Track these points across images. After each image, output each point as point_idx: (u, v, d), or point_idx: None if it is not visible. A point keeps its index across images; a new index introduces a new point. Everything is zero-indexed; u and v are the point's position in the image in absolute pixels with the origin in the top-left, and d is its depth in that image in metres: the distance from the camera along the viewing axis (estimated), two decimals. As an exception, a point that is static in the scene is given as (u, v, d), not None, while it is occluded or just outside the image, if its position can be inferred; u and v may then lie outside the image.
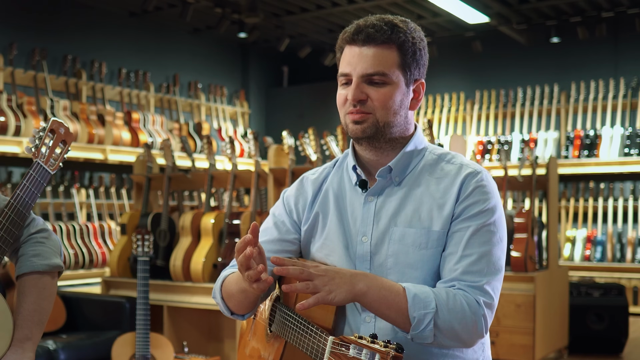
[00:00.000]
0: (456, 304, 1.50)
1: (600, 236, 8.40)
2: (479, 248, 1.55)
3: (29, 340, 1.93)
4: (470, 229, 1.56)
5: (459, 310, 1.49)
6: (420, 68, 1.65)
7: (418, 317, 1.48)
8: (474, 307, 1.51)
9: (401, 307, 1.49)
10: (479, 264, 1.54)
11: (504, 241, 1.61)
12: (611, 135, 8.30)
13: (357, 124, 1.61)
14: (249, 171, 4.91)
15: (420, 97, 1.68)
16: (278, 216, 1.79)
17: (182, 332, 4.92)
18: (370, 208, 1.65)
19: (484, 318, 1.52)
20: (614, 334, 5.72)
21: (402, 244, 1.59)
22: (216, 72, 9.92)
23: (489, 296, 1.54)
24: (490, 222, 1.57)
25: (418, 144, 1.68)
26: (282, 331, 1.67)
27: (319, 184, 1.77)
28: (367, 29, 1.59)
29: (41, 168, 2.04)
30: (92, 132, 7.30)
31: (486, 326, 1.54)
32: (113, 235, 7.15)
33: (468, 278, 1.53)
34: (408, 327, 1.50)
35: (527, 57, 9.21)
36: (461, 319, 1.49)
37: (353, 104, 1.60)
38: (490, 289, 1.54)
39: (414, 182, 1.64)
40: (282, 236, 1.76)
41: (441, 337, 1.50)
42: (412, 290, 1.50)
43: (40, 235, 2.04)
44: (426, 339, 1.50)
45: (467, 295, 1.52)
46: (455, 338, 1.51)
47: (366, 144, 1.64)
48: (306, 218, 1.75)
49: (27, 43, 7.39)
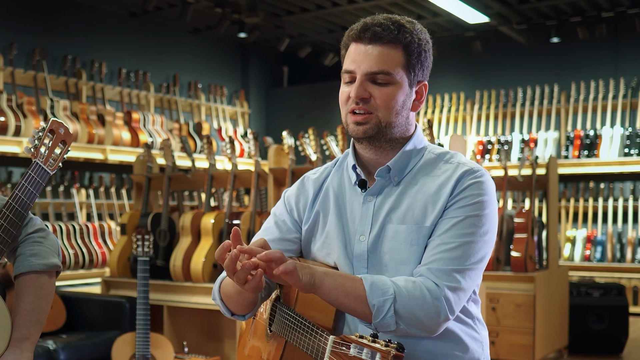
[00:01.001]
0: (415, 289, 1.49)
1: (600, 236, 8.39)
2: (459, 238, 1.54)
3: (27, 340, 1.93)
4: (456, 218, 1.55)
5: (419, 296, 1.49)
6: (424, 70, 1.65)
7: (377, 305, 1.48)
8: (434, 292, 1.49)
9: (360, 295, 1.49)
10: (455, 251, 1.53)
11: (490, 238, 1.58)
12: (611, 135, 8.30)
13: (358, 125, 1.61)
14: (249, 171, 4.90)
15: (423, 99, 1.68)
16: (279, 215, 1.80)
17: (182, 332, 4.92)
18: (369, 208, 1.65)
19: (445, 300, 1.50)
20: (614, 334, 5.71)
21: (395, 240, 1.59)
22: (216, 72, 9.92)
23: (454, 279, 1.51)
24: (478, 215, 1.56)
25: (417, 144, 1.68)
26: (282, 331, 1.67)
27: (319, 183, 1.77)
28: (374, 28, 1.59)
29: (40, 168, 2.04)
30: (92, 132, 7.30)
31: (450, 309, 1.51)
32: (113, 235, 7.15)
33: (438, 265, 1.52)
34: (370, 317, 1.50)
35: (527, 57, 9.21)
36: (422, 305, 1.48)
37: (355, 102, 1.60)
38: (460, 276, 1.52)
39: (411, 181, 1.64)
40: (283, 235, 1.76)
41: (403, 324, 1.49)
42: (369, 278, 1.51)
43: (38, 235, 2.04)
44: (389, 327, 1.49)
45: (426, 280, 1.51)
46: (418, 324, 1.50)
47: (366, 143, 1.64)
48: (307, 217, 1.75)
49: (27, 43, 7.39)
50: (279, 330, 1.68)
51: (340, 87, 1.67)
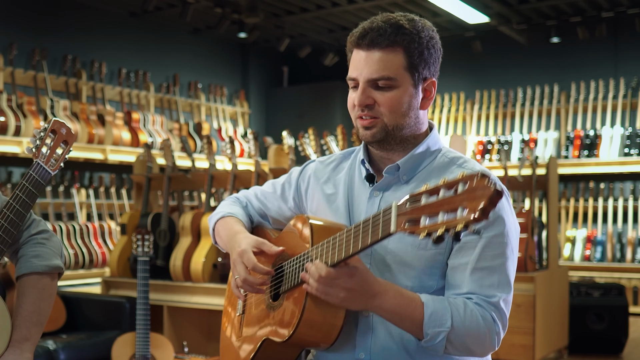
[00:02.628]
0: (472, 320, 1.50)
1: (600, 236, 8.39)
2: (492, 261, 1.54)
3: (27, 341, 1.93)
4: (482, 240, 1.54)
5: (474, 327, 1.50)
6: (430, 67, 1.63)
7: (431, 334, 1.49)
8: (489, 324, 1.52)
9: (416, 320, 1.50)
10: (492, 277, 1.54)
11: (516, 252, 1.60)
12: (611, 135, 8.30)
13: (366, 130, 1.61)
14: (249, 171, 4.90)
15: (432, 96, 1.66)
16: (286, 183, 1.88)
17: (182, 332, 4.92)
18: (374, 203, 1.65)
19: (497, 335, 1.53)
20: (614, 334, 5.71)
21: (401, 242, 1.58)
22: (216, 72, 9.92)
23: (503, 314, 1.54)
24: (502, 233, 1.55)
25: (432, 145, 1.67)
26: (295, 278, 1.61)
27: (332, 169, 1.80)
28: (372, 33, 1.58)
29: (41, 168, 2.04)
30: (92, 132, 7.30)
31: (499, 342, 1.55)
32: (113, 235, 7.15)
33: (483, 292, 1.53)
34: (420, 338, 1.52)
35: (527, 57, 9.21)
36: (476, 337, 1.51)
37: (361, 109, 1.60)
38: (504, 306, 1.55)
39: (421, 182, 1.63)
40: (282, 199, 1.87)
41: (452, 350, 1.52)
42: (430, 306, 1.50)
43: (41, 236, 2.04)
44: (437, 352, 1.52)
45: (484, 311, 1.52)
46: (467, 352, 1.53)
47: (377, 146, 1.65)
48: (312, 197, 1.79)
49: (27, 43, 7.39)
50: (290, 285, 1.62)
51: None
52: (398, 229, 1.29)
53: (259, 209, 1.91)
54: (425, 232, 1.23)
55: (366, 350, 1.59)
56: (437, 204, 1.23)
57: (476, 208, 1.16)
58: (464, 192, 1.20)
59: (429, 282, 1.58)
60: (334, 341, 1.58)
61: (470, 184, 1.20)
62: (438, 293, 1.58)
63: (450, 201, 1.21)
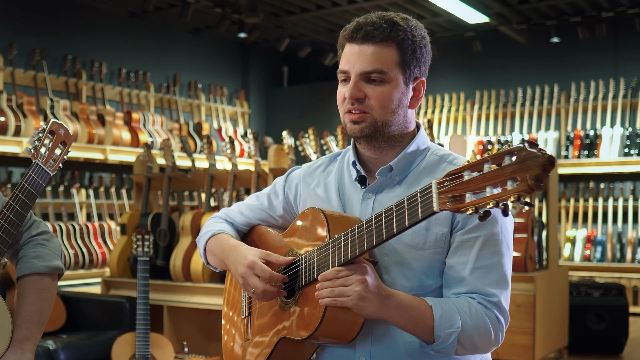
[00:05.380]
0: (478, 319, 1.52)
1: (600, 236, 8.40)
2: (489, 259, 1.55)
3: (28, 341, 1.94)
4: (480, 239, 1.55)
5: (481, 326, 1.52)
6: (421, 66, 1.63)
7: (444, 336, 1.50)
8: (494, 323, 1.54)
9: (428, 326, 1.51)
10: (491, 276, 1.55)
11: (511, 247, 1.61)
12: (611, 135, 8.30)
13: (355, 124, 1.60)
14: (249, 171, 4.90)
15: (421, 96, 1.66)
16: (271, 194, 1.87)
17: (182, 332, 4.92)
18: (368, 205, 1.64)
19: (501, 332, 1.56)
20: (614, 334, 5.72)
21: (398, 242, 1.57)
22: (216, 72, 9.92)
23: (504, 311, 1.57)
24: (497, 231, 1.56)
25: (421, 144, 1.67)
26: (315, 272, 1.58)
27: (320, 173, 1.79)
28: (367, 27, 1.58)
29: (40, 169, 2.04)
30: (92, 132, 7.30)
31: (502, 338, 1.58)
32: (113, 235, 7.15)
33: (484, 291, 1.55)
34: (431, 342, 1.52)
35: (527, 57, 9.21)
36: (482, 335, 1.53)
37: (351, 102, 1.59)
38: (505, 303, 1.57)
39: (413, 182, 1.62)
40: (270, 210, 1.87)
41: (461, 350, 1.53)
42: (438, 308, 1.51)
43: (41, 237, 2.05)
44: (448, 354, 1.53)
45: (488, 311, 1.54)
46: (474, 350, 1.55)
47: (365, 143, 1.64)
48: (304, 203, 1.78)
49: (27, 43, 7.39)
50: (307, 281, 1.60)
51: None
52: (442, 207, 1.27)
53: (244, 222, 1.91)
54: (473, 208, 1.21)
55: (366, 354, 1.59)
56: (482, 177, 1.21)
57: (530, 178, 1.14)
58: (512, 163, 1.17)
59: (428, 282, 1.58)
60: (354, 337, 1.57)
61: (519, 154, 1.17)
62: (436, 292, 1.58)
63: (498, 174, 1.19)
